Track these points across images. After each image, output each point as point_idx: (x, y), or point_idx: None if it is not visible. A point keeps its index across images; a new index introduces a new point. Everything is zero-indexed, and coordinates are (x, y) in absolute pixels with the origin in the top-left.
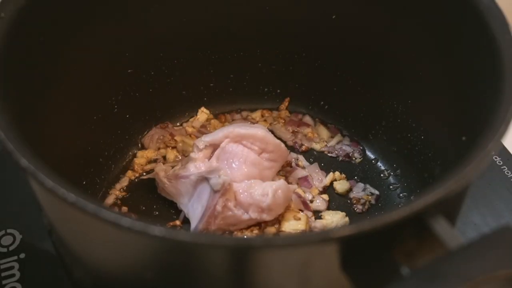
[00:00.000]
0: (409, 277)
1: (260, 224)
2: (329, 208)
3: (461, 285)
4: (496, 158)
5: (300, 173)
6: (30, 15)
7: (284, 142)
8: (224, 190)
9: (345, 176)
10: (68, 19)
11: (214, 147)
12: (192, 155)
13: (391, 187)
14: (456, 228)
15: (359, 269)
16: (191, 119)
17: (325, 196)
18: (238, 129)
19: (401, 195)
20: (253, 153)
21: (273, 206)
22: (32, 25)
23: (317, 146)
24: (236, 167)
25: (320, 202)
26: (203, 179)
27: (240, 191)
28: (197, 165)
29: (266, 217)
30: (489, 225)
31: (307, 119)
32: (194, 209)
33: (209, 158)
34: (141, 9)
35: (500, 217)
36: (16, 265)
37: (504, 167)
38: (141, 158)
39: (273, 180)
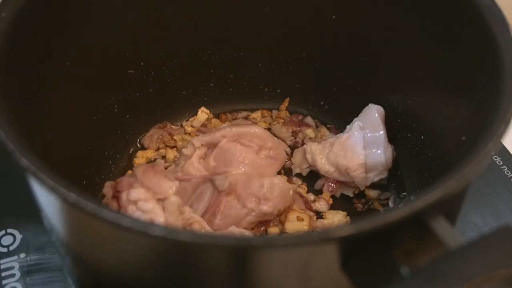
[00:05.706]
0: (409, 277)
1: (262, 225)
2: (330, 207)
3: (461, 285)
4: (496, 158)
5: None
6: (30, 15)
7: (284, 142)
8: (229, 190)
9: None
10: (68, 19)
11: (211, 146)
12: (184, 150)
13: (391, 187)
14: (456, 228)
15: (359, 269)
16: (191, 119)
17: (326, 196)
18: (236, 127)
19: (401, 195)
20: (251, 151)
21: (270, 196)
22: (32, 25)
23: None
24: (234, 166)
25: (321, 202)
26: (206, 180)
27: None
28: (196, 167)
29: (264, 208)
30: (489, 225)
31: (308, 119)
32: (194, 209)
33: (204, 158)
34: (142, 9)
35: (500, 217)
36: (16, 265)
37: (504, 167)
38: (141, 158)
39: None
